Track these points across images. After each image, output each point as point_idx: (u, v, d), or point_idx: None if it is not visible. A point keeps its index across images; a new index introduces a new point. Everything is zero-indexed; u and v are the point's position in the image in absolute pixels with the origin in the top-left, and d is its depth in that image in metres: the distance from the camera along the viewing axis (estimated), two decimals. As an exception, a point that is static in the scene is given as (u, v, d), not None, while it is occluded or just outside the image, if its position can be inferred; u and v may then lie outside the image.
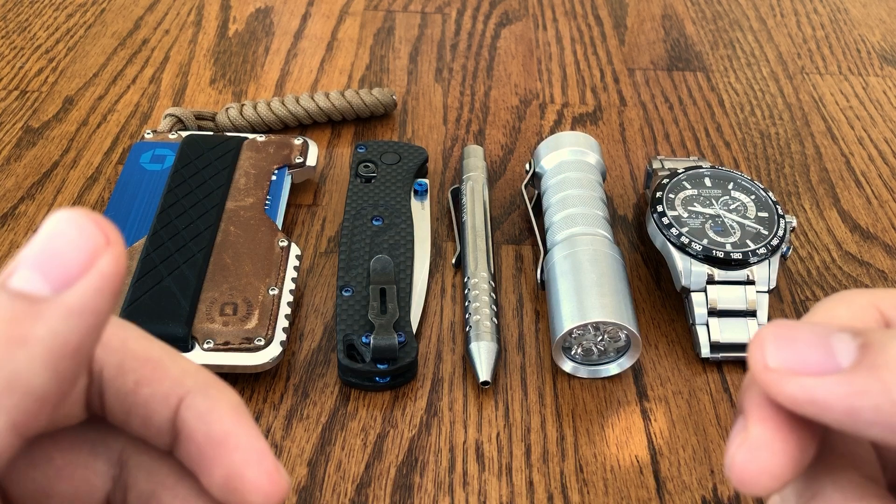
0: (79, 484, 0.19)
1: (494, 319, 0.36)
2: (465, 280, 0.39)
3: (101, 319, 0.16)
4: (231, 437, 0.18)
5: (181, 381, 0.19)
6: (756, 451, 0.18)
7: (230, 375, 0.34)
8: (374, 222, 0.40)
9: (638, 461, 0.33)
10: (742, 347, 0.36)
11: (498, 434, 0.34)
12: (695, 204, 0.39)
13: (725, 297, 0.36)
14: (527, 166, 0.43)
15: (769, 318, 0.38)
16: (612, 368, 0.36)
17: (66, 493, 0.19)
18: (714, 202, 0.39)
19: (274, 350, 0.34)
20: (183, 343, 0.34)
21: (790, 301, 0.40)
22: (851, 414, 0.17)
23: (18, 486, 0.19)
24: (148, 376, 0.19)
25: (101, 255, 0.16)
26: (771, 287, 0.36)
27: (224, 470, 0.18)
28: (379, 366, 0.34)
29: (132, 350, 0.19)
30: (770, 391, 0.18)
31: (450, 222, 0.43)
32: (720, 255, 0.36)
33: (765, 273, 0.36)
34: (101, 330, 0.17)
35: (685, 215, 0.38)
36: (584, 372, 0.36)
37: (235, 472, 0.18)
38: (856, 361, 0.17)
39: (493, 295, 0.38)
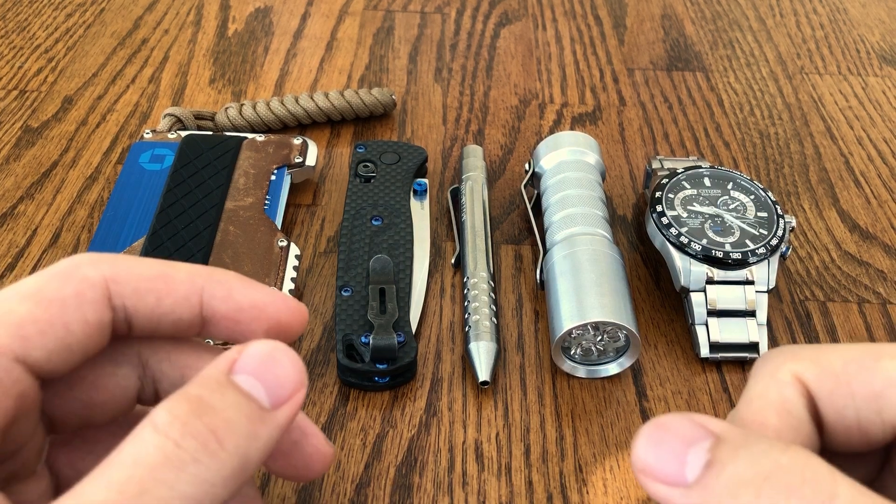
0: (111, 390, 0.24)
1: (494, 319, 0.36)
2: (465, 280, 0.39)
3: (282, 436, 0.21)
4: (257, 300, 0.23)
5: (193, 281, 0.23)
6: None
7: (229, 375, 0.34)
8: (374, 222, 0.40)
9: (637, 461, 0.33)
10: (742, 347, 0.36)
11: (497, 434, 0.34)
12: (694, 204, 0.39)
13: (725, 297, 0.36)
14: (526, 166, 0.43)
15: (768, 319, 0.38)
16: (612, 368, 0.36)
17: (102, 400, 0.23)
18: (713, 202, 0.39)
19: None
20: (182, 343, 0.34)
21: (789, 301, 0.40)
22: None
23: (63, 407, 0.23)
24: (164, 289, 0.23)
25: (300, 391, 0.21)
26: (770, 287, 0.36)
27: (264, 324, 0.23)
28: (378, 366, 0.34)
29: (139, 275, 0.23)
30: (639, 482, 0.20)
31: (449, 222, 0.43)
32: (719, 254, 0.36)
33: (764, 273, 0.36)
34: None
35: (684, 215, 0.38)
36: (583, 372, 0.36)
37: (274, 320, 0.23)
38: (697, 479, 0.19)
39: (493, 295, 0.38)
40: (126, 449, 0.19)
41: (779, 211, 0.38)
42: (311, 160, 0.44)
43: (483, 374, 0.35)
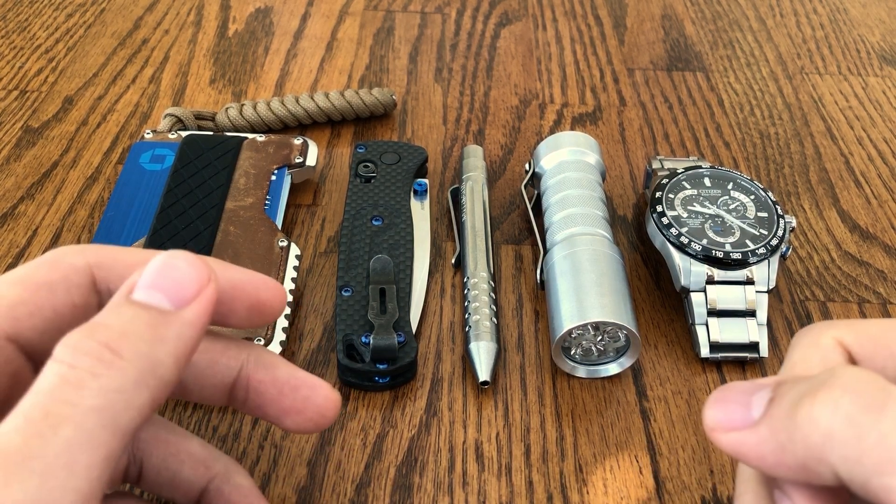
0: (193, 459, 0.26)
1: (494, 319, 0.36)
2: (465, 280, 0.39)
3: (203, 333, 0.22)
4: (237, 280, 0.24)
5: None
6: None
7: (230, 375, 0.34)
8: (374, 222, 0.40)
9: (637, 461, 0.33)
10: (742, 347, 0.36)
11: (497, 434, 0.34)
12: (694, 204, 0.39)
13: (725, 297, 0.36)
14: (526, 166, 0.43)
15: (769, 319, 0.38)
16: (612, 368, 0.36)
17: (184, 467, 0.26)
18: (713, 202, 0.39)
19: (273, 350, 0.34)
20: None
21: (789, 301, 0.40)
22: (760, 460, 0.20)
23: (151, 460, 0.26)
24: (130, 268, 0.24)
25: (207, 286, 0.22)
26: (770, 287, 0.36)
27: (245, 302, 0.24)
28: (378, 366, 0.34)
29: (123, 261, 0.24)
30: (716, 446, 0.21)
31: (449, 222, 0.43)
32: (719, 255, 0.36)
33: (764, 273, 0.36)
34: (200, 341, 0.22)
35: (685, 215, 0.38)
36: (583, 372, 0.36)
37: (254, 298, 0.25)
38: (762, 414, 0.21)
39: (493, 295, 0.38)
40: (32, 387, 0.20)
41: (779, 211, 0.38)
42: (311, 160, 0.44)
43: (483, 374, 0.35)
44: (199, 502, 0.27)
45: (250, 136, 0.44)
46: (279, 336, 0.35)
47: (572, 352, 0.36)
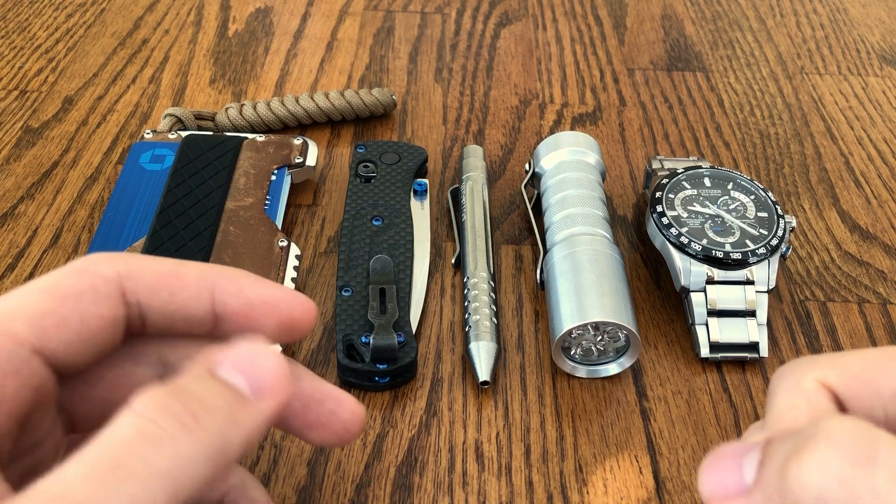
0: (131, 389, 0.23)
1: (494, 319, 0.36)
2: (465, 280, 0.39)
3: (266, 428, 0.22)
4: (268, 296, 0.24)
5: (204, 278, 0.24)
6: None
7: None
8: (374, 222, 0.40)
9: (637, 461, 0.33)
10: (742, 347, 0.36)
11: (497, 434, 0.34)
12: (694, 204, 0.39)
13: (725, 297, 0.36)
14: (526, 166, 0.43)
15: (769, 319, 0.38)
16: (612, 368, 0.36)
17: (122, 399, 0.23)
18: (713, 202, 0.39)
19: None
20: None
21: (789, 301, 0.40)
22: None
23: (83, 405, 0.24)
24: (177, 285, 0.23)
25: (285, 387, 0.22)
26: (770, 287, 0.36)
27: (275, 319, 0.24)
28: (378, 366, 0.34)
29: (153, 271, 0.23)
30: None
31: (449, 222, 0.43)
32: (719, 255, 0.36)
33: (764, 273, 0.36)
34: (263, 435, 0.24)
35: (685, 215, 0.38)
36: (583, 372, 0.36)
37: (286, 316, 0.24)
38: (754, 479, 0.20)
39: (493, 295, 0.38)
40: (105, 431, 0.19)
41: (779, 211, 0.38)
42: (311, 160, 0.44)
43: (483, 374, 0.35)
44: None
45: (250, 136, 0.44)
46: (279, 336, 0.35)
47: (572, 352, 0.36)
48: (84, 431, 0.24)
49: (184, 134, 0.44)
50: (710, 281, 0.36)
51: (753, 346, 0.36)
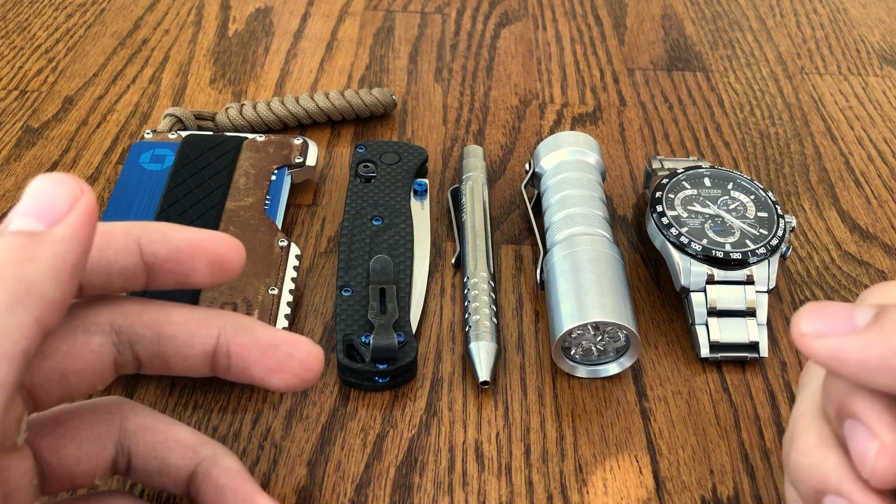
0: (86, 358, 0.25)
1: (494, 319, 0.36)
2: (465, 280, 0.39)
3: (86, 246, 0.22)
4: (192, 238, 0.25)
5: (128, 231, 0.25)
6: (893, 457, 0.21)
7: (230, 375, 0.34)
8: (374, 222, 0.40)
9: (637, 461, 0.33)
10: (742, 347, 0.36)
11: (497, 434, 0.34)
12: (694, 204, 0.39)
13: (725, 297, 0.36)
14: (526, 166, 0.43)
15: (769, 319, 0.38)
16: (612, 368, 0.36)
17: (78, 369, 0.24)
18: (713, 202, 0.39)
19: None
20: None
21: (790, 301, 0.40)
22: (862, 364, 0.21)
23: (40, 379, 0.24)
24: (103, 241, 0.25)
25: (79, 200, 0.22)
26: (770, 287, 0.37)
27: (204, 259, 0.25)
28: (378, 366, 0.34)
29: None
30: (803, 351, 0.22)
31: (449, 222, 0.43)
32: (720, 254, 0.36)
33: (764, 273, 0.36)
34: (87, 255, 0.22)
35: (685, 215, 0.38)
36: (583, 372, 0.36)
37: (213, 254, 0.25)
38: (869, 323, 0.21)
39: (493, 295, 0.38)
40: None
41: (779, 211, 0.38)
42: (311, 160, 0.44)
43: (483, 374, 0.35)
44: (188, 488, 0.27)
45: (250, 136, 0.44)
46: (279, 336, 0.35)
47: (572, 352, 0.36)
48: (46, 407, 0.25)
49: (184, 134, 0.44)
50: (710, 281, 0.36)
51: (753, 346, 0.36)
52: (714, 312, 0.36)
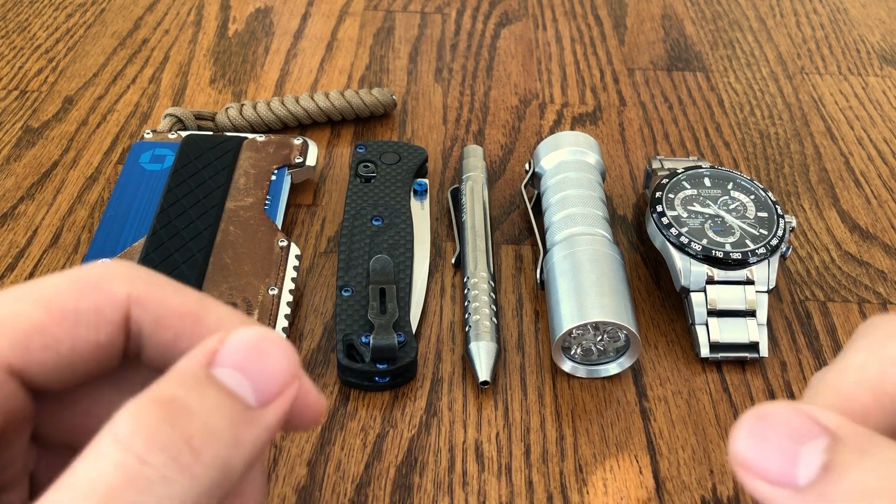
0: (104, 418, 0.20)
1: (494, 319, 0.36)
2: (465, 280, 0.39)
3: (274, 436, 0.18)
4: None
5: (218, 329, 0.20)
6: None
7: (230, 375, 0.34)
8: (374, 222, 0.40)
9: (637, 461, 0.33)
10: (742, 347, 0.36)
11: (497, 434, 0.34)
12: (694, 204, 0.39)
13: (725, 297, 0.36)
14: (526, 166, 0.43)
15: (769, 319, 0.38)
16: (612, 368, 0.36)
17: (92, 427, 0.20)
18: (714, 202, 0.39)
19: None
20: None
21: (790, 301, 0.40)
22: None
23: (52, 426, 0.21)
24: (187, 331, 0.20)
25: (291, 385, 0.18)
26: (770, 287, 0.36)
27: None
28: (378, 366, 0.34)
29: (169, 306, 0.20)
30: (737, 475, 0.18)
31: (449, 222, 0.43)
32: (719, 255, 0.36)
33: (764, 273, 0.36)
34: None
35: (685, 215, 0.38)
36: (583, 372, 0.36)
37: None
38: (811, 483, 0.17)
39: (493, 295, 0.38)
40: (80, 468, 0.16)
41: (779, 211, 0.38)
42: (311, 160, 0.44)
43: (483, 374, 0.35)
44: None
45: (250, 136, 0.44)
46: (279, 336, 0.35)
47: (572, 352, 0.36)
48: (50, 449, 0.21)
49: (184, 134, 0.44)
50: (710, 281, 0.36)
51: (753, 346, 0.36)
52: (714, 312, 0.36)
